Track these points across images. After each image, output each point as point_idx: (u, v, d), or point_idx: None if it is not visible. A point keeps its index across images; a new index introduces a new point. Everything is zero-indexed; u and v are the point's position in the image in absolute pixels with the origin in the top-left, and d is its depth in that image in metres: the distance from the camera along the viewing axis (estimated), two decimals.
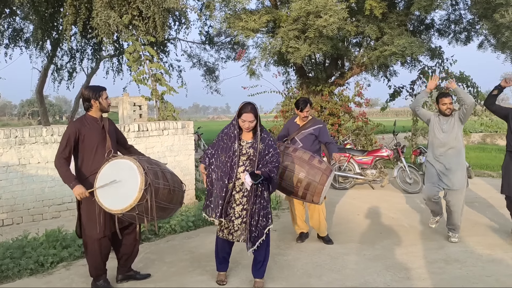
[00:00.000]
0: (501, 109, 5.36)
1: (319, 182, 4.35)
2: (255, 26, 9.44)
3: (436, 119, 5.28)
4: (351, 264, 4.58)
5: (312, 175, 4.36)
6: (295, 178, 4.39)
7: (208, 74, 17.97)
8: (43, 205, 6.35)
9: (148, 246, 5.26)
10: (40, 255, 4.54)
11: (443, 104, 5.19)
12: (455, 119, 5.17)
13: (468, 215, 6.47)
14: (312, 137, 5.13)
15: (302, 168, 4.38)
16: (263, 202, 3.80)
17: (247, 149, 3.78)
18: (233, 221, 3.82)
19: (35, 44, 13.82)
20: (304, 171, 4.37)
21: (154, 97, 8.46)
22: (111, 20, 9.07)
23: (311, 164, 4.41)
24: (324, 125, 5.24)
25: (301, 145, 5.04)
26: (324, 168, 4.43)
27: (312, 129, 5.14)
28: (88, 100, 3.84)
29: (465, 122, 5.25)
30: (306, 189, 4.39)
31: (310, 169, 4.39)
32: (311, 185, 4.36)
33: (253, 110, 3.75)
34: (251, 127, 3.76)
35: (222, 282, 4.07)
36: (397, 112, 53.60)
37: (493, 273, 4.23)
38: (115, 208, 3.52)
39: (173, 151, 7.49)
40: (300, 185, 4.39)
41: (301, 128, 5.18)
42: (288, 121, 5.51)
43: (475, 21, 10.97)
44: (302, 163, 4.40)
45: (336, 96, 11.89)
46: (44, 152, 6.30)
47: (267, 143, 3.80)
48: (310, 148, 5.01)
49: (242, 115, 3.74)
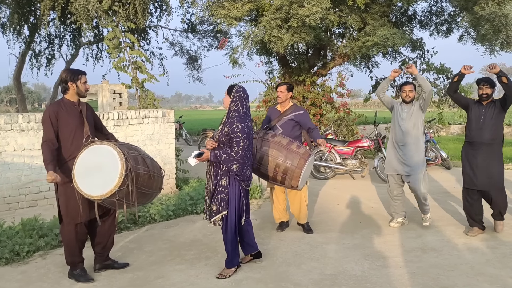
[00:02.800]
0: (462, 98, 5.46)
1: (297, 166, 4.41)
2: (238, 15, 9.34)
3: (399, 107, 5.42)
4: (331, 252, 4.62)
5: (290, 159, 4.43)
6: (273, 163, 4.45)
7: (191, 62, 17.77)
8: (19, 193, 6.22)
9: (127, 235, 5.21)
10: (16, 244, 4.45)
11: (403, 92, 5.35)
12: (416, 107, 5.31)
13: (445, 205, 6.59)
14: (292, 123, 5.12)
15: (280, 153, 4.44)
16: (219, 187, 3.91)
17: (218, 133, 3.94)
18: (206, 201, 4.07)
19: (11, 29, 13.43)
20: (282, 156, 4.44)
21: (134, 85, 8.33)
22: (90, 5, 8.88)
23: (289, 149, 4.48)
24: (305, 111, 5.24)
25: (281, 131, 5.05)
26: (302, 153, 4.50)
27: (293, 115, 5.13)
28: (66, 82, 3.77)
29: (426, 110, 5.35)
30: (285, 174, 4.46)
31: (288, 154, 4.45)
32: (289, 169, 4.43)
33: (229, 92, 3.94)
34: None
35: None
36: (379, 103, 53.91)
37: (468, 261, 4.31)
38: (95, 194, 3.47)
39: (153, 140, 7.41)
40: (279, 170, 4.46)
41: (282, 115, 5.17)
42: (270, 109, 5.52)
43: (456, 14, 11.06)
44: (280, 148, 4.46)
45: (319, 86, 11.90)
46: (20, 139, 6.16)
47: (233, 129, 3.81)
48: (290, 134, 5.01)
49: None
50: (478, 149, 5.03)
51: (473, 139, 5.08)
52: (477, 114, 5.07)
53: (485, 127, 4.99)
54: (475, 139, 5.06)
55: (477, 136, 5.04)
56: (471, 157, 5.09)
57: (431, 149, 9.51)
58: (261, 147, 4.49)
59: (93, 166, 3.52)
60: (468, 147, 5.17)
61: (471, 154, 5.10)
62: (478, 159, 5.02)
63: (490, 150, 5.00)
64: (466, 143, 5.24)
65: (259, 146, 4.51)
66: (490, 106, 5.03)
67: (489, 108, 5.03)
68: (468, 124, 5.20)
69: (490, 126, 4.98)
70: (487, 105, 5.05)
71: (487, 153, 4.99)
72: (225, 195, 3.89)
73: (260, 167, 4.51)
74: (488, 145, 4.99)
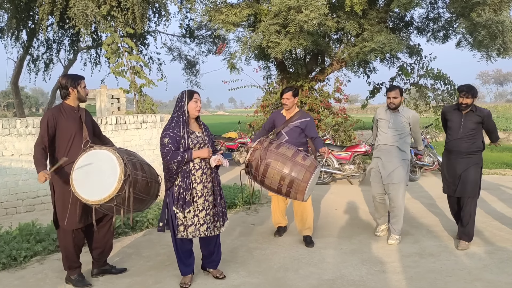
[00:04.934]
0: (444, 115, 5.23)
1: (302, 180, 4.24)
2: (236, 20, 9.39)
3: (386, 114, 5.17)
4: (328, 258, 4.62)
5: (295, 172, 4.25)
6: (278, 176, 4.28)
7: (189, 67, 17.81)
8: (17, 198, 6.21)
9: (125, 240, 5.20)
10: (13, 249, 4.44)
11: (388, 98, 5.10)
12: (404, 119, 5.08)
13: (442, 210, 6.59)
14: (298, 130, 5.03)
15: (285, 165, 4.26)
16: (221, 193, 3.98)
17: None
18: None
19: (10, 34, 13.44)
20: (287, 169, 4.26)
21: (132, 90, 8.35)
22: (88, 10, 8.91)
23: (294, 161, 4.30)
24: (311, 119, 5.11)
25: (286, 138, 4.97)
26: (308, 165, 4.30)
27: (299, 122, 5.04)
28: (66, 88, 3.79)
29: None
30: (290, 187, 4.29)
31: (293, 166, 4.26)
32: (294, 183, 4.26)
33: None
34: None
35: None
36: (376, 109, 54.08)
37: (465, 267, 4.32)
38: (93, 198, 3.46)
39: (151, 145, 7.41)
40: (283, 183, 4.28)
41: (287, 121, 5.07)
42: (274, 113, 5.35)
43: (453, 20, 11.13)
44: (285, 160, 4.28)
45: (316, 92, 11.93)
46: (18, 144, 6.15)
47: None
48: (296, 140, 4.94)
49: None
50: (456, 158, 4.93)
51: (452, 148, 4.98)
52: (456, 124, 4.93)
53: (464, 136, 4.87)
54: (453, 148, 4.96)
55: (455, 146, 4.93)
56: (449, 165, 5.00)
57: (428, 154, 9.53)
58: (265, 159, 4.30)
59: (92, 171, 3.52)
60: (448, 155, 5.06)
61: (449, 162, 5.01)
62: (456, 167, 4.92)
63: (468, 159, 4.87)
64: (445, 151, 5.12)
65: (263, 158, 4.31)
66: (469, 115, 4.88)
67: (468, 117, 4.88)
68: (447, 132, 5.08)
69: (469, 136, 4.85)
70: (466, 114, 4.89)
71: (465, 162, 4.88)
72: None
73: (264, 179, 4.36)
74: (467, 154, 4.88)
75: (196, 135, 3.78)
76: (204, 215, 3.78)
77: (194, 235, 3.76)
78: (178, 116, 3.74)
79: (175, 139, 3.65)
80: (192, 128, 3.80)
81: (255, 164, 4.32)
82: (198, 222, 3.75)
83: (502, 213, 6.33)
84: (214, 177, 3.86)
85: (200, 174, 3.76)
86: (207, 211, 3.79)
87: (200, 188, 3.76)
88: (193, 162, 3.72)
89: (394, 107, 5.07)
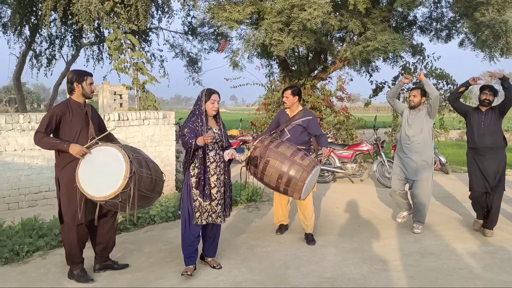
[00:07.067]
0: (462, 105, 5.60)
1: (299, 179, 4.29)
2: (239, 18, 9.37)
3: (407, 112, 5.48)
4: (330, 256, 4.63)
5: (292, 171, 4.31)
6: (276, 174, 4.35)
7: (191, 64, 17.79)
8: (19, 193, 6.23)
9: (127, 236, 5.22)
10: (16, 244, 4.45)
11: (408, 97, 5.47)
12: (424, 113, 5.36)
13: (444, 209, 6.60)
14: (300, 128, 5.05)
15: (283, 164, 4.33)
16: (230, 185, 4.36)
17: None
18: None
19: (13, 29, 13.44)
20: (285, 167, 4.32)
21: (135, 87, 8.35)
22: (92, 6, 8.91)
23: (293, 161, 4.34)
24: (313, 117, 5.13)
25: (289, 136, 5.01)
26: (305, 165, 4.34)
27: (301, 121, 5.05)
28: (71, 82, 3.82)
29: (434, 116, 5.40)
30: (287, 186, 4.36)
31: (291, 165, 4.32)
32: (291, 181, 4.32)
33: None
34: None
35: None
36: (378, 108, 53.99)
37: (466, 266, 4.33)
38: (99, 195, 3.49)
39: (153, 141, 7.43)
40: (281, 181, 4.36)
41: (290, 119, 5.10)
42: (279, 112, 5.40)
43: (456, 19, 11.11)
44: (284, 159, 4.34)
45: (319, 90, 11.93)
46: (21, 139, 6.17)
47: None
48: (298, 139, 4.97)
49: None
50: (484, 154, 5.19)
51: (477, 145, 5.22)
52: (477, 121, 5.23)
53: (486, 132, 5.15)
54: (478, 144, 5.21)
55: (480, 142, 5.19)
56: (478, 162, 5.23)
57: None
58: (265, 157, 4.38)
59: (98, 167, 3.54)
60: (473, 152, 5.30)
61: (477, 159, 5.24)
62: (485, 163, 5.17)
63: (494, 154, 5.17)
64: (470, 149, 5.36)
65: (263, 156, 4.39)
66: (489, 113, 5.21)
67: (488, 114, 5.21)
68: (469, 130, 5.34)
69: (490, 131, 5.15)
70: (486, 112, 5.23)
71: (492, 157, 5.16)
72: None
73: (263, 177, 4.44)
74: (492, 149, 5.16)
75: (213, 131, 4.04)
76: (216, 204, 4.06)
77: (207, 221, 4.06)
78: (197, 114, 4.06)
79: (193, 130, 3.96)
80: (210, 124, 4.09)
81: (254, 162, 4.41)
82: (211, 210, 4.05)
83: (503, 213, 6.32)
84: (226, 170, 4.19)
85: (214, 166, 4.05)
86: (219, 201, 4.08)
87: (214, 180, 4.04)
88: (208, 156, 4.01)
89: (413, 105, 5.38)
